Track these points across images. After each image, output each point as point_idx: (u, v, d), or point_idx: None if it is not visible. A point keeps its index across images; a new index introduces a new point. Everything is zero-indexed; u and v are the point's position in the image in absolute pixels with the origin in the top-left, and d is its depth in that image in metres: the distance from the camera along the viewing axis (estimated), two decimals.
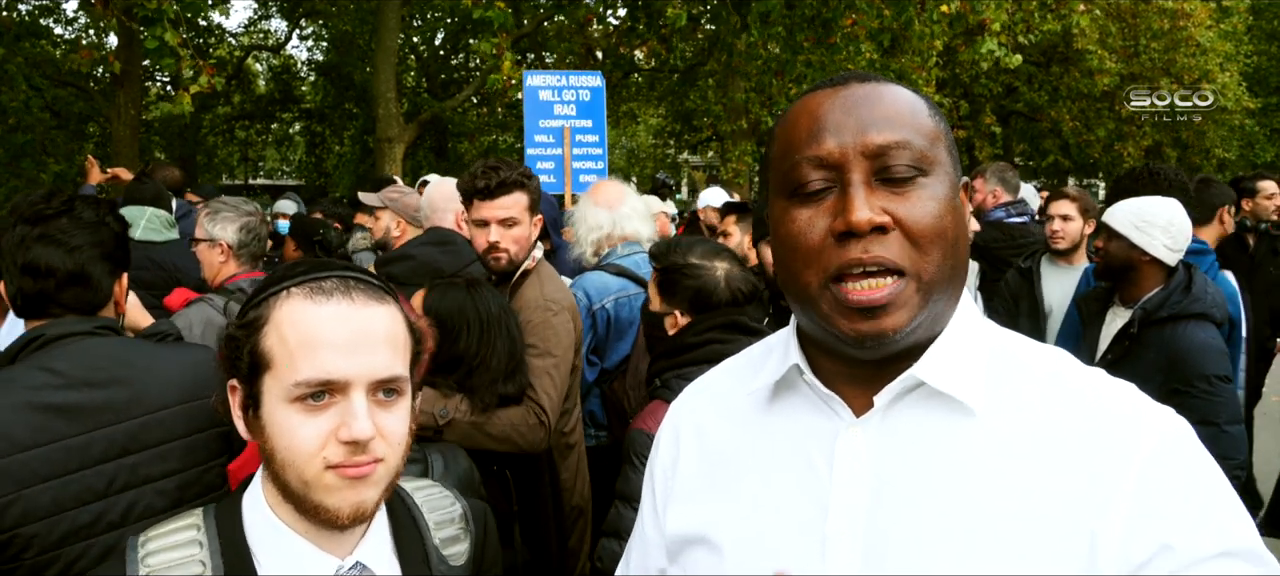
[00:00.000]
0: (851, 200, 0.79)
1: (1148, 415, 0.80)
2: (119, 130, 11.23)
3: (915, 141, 0.81)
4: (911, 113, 0.83)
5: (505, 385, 2.20)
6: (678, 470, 1.00)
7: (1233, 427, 2.62)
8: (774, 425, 0.93)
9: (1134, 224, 2.85)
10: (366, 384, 1.01)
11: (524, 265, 2.62)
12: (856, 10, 9.97)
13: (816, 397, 0.89)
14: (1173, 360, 2.71)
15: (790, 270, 0.85)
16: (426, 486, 1.28)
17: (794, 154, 0.84)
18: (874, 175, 0.80)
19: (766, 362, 0.96)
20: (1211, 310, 2.75)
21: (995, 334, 0.90)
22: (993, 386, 0.84)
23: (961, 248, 0.83)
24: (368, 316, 1.04)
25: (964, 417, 0.83)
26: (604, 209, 3.32)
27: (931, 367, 0.83)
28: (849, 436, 0.86)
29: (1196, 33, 16.04)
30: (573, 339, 2.50)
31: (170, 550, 1.06)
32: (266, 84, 23.01)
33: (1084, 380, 0.84)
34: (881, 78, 0.87)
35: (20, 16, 12.45)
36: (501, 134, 21.84)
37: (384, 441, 1.03)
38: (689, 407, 1.05)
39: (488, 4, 8.57)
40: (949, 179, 0.83)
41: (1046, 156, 20.64)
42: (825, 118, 0.83)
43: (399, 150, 11.35)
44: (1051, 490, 0.77)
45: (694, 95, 18.10)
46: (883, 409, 0.85)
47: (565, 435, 2.66)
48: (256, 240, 3.15)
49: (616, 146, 30.15)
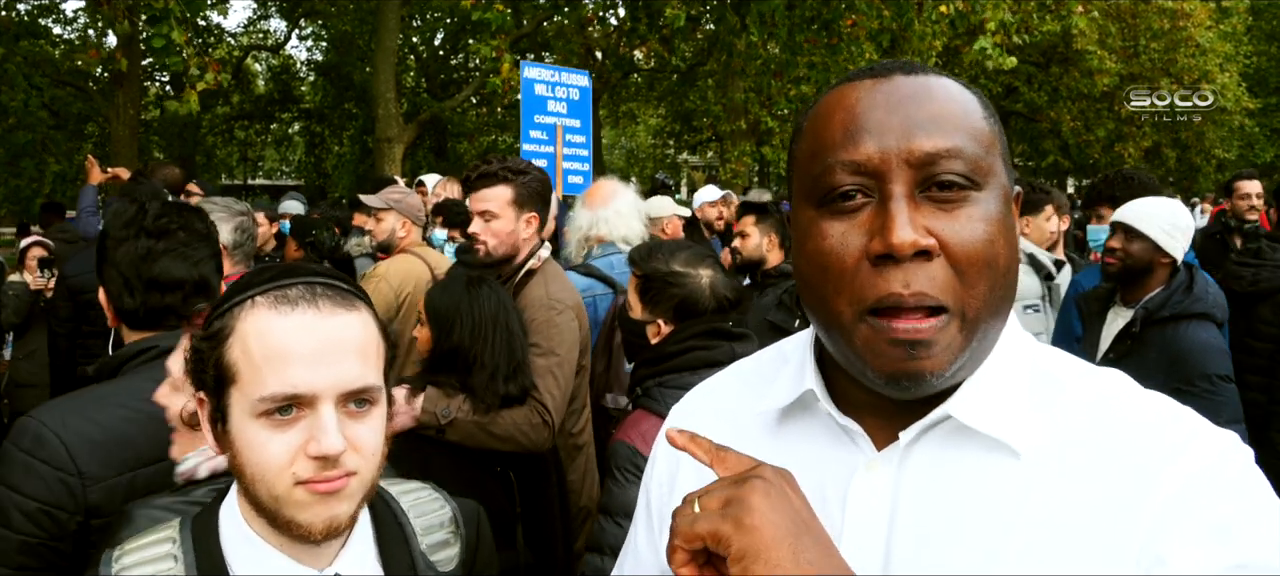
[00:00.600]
0: (893, 217, 0.68)
1: (1197, 437, 0.69)
2: (118, 130, 11.23)
3: (969, 148, 0.70)
4: (964, 113, 0.72)
5: (506, 384, 2.19)
6: (676, 484, 0.91)
7: (1233, 427, 2.62)
8: (784, 450, 0.81)
9: (1163, 228, 2.84)
10: (335, 396, 0.96)
11: (528, 264, 2.60)
12: (857, 11, 9.97)
13: (835, 425, 0.79)
14: (1174, 359, 2.71)
15: (819, 293, 0.73)
16: (414, 489, 1.24)
17: (826, 155, 0.72)
18: (918, 187, 0.69)
19: (779, 375, 0.86)
20: (1213, 310, 2.76)
21: (1038, 356, 0.79)
22: (1038, 420, 0.73)
23: (1012, 273, 0.72)
24: (335, 325, 0.99)
25: (1004, 458, 0.72)
26: (588, 209, 3.33)
27: (968, 404, 0.72)
28: (866, 474, 0.75)
29: (1196, 33, 16.06)
30: (577, 338, 2.47)
31: (146, 564, 1.03)
32: (266, 84, 23.02)
33: (1137, 403, 0.73)
34: (929, 68, 0.75)
35: (19, 16, 12.45)
36: (501, 134, 21.85)
37: (356, 453, 0.98)
38: (689, 418, 0.94)
39: (486, 5, 8.57)
40: (1003, 192, 0.72)
41: (1046, 157, 20.65)
42: (865, 115, 0.71)
43: (398, 150, 11.35)
44: (1101, 539, 0.67)
45: (693, 95, 18.12)
46: (906, 445, 0.74)
47: (573, 436, 2.64)
48: (250, 239, 3.15)
49: (616, 146, 30.16)
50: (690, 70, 17.08)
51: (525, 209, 2.60)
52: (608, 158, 25.61)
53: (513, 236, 2.60)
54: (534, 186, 2.63)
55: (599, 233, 3.30)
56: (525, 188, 2.60)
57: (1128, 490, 0.67)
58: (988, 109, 0.75)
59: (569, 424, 2.61)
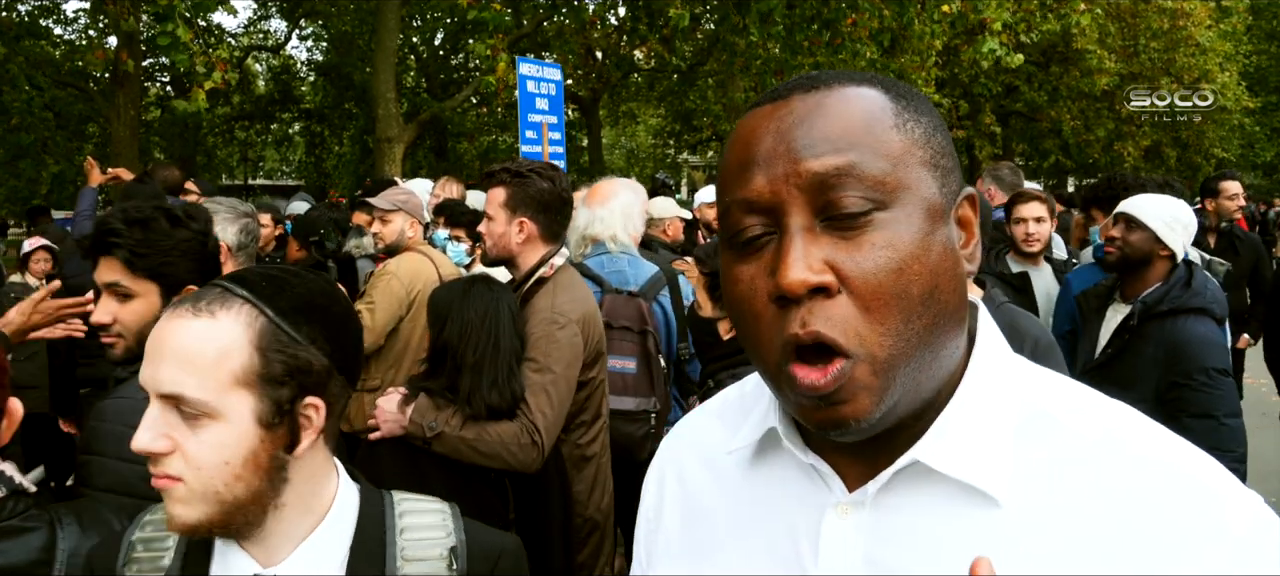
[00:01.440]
0: (784, 255, 0.63)
1: (1225, 508, 0.61)
2: (119, 130, 11.22)
3: (868, 165, 0.63)
4: (865, 126, 0.65)
5: (491, 392, 2.15)
6: (661, 522, 0.89)
7: (1231, 420, 2.65)
8: (757, 489, 0.79)
9: (1163, 220, 2.88)
10: (156, 394, 1.00)
11: (539, 272, 2.51)
12: (857, 10, 9.97)
13: (805, 463, 0.74)
14: (1172, 353, 2.74)
15: (747, 342, 0.70)
16: (429, 510, 1.20)
17: (725, 194, 0.69)
18: (817, 214, 0.64)
19: (753, 410, 0.82)
20: (1211, 305, 2.78)
21: (1031, 385, 0.71)
22: (1023, 463, 0.66)
23: (942, 295, 0.64)
24: (183, 329, 1.00)
25: (982, 507, 0.66)
26: (587, 208, 3.32)
27: (934, 447, 0.67)
28: (836, 518, 0.71)
29: (1196, 32, 16.07)
30: (578, 354, 2.38)
31: (154, 527, 1.13)
32: (266, 84, 23.02)
33: (1148, 449, 0.65)
34: (838, 80, 0.69)
35: (20, 17, 12.46)
36: (501, 134, 21.85)
37: (183, 461, 0.98)
38: (674, 454, 0.92)
39: (484, 5, 8.57)
40: (922, 207, 0.65)
41: (1047, 156, 20.65)
42: (756, 146, 0.66)
43: (399, 150, 11.34)
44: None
45: (694, 95, 18.12)
46: (876, 492, 0.70)
47: (581, 446, 2.58)
48: (254, 240, 3.15)
49: (616, 146, 30.16)
50: (690, 70, 17.08)
51: (517, 212, 2.52)
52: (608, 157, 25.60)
53: (504, 238, 2.54)
54: (530, 190, 2.53)
55: (593, 232, 3.30)
56: (520, 190, 2.53)
57: (1133, 544, 0.61)
58: (906, 114, 0.68)
59: (577, 434, 2.56)
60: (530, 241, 2.55)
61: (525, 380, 2.26)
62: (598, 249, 3.31)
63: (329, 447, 1.13)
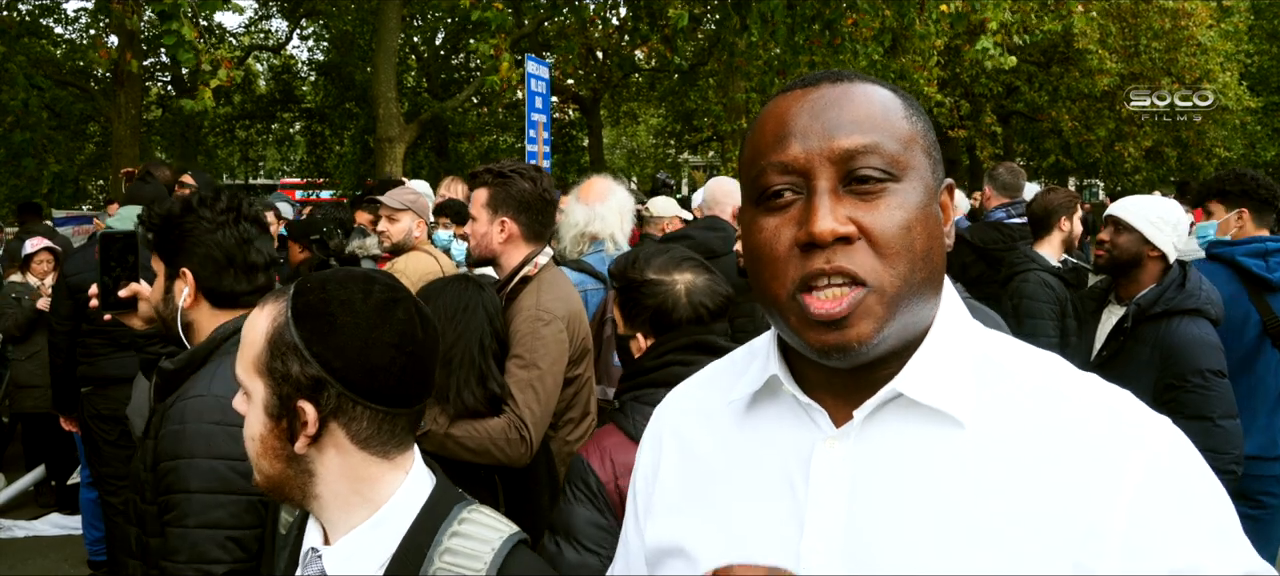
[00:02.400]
0: (815, 209, 0.76)
1: (1142, 429, 0.75)
2: (120, 130, 11.24)
3: (886, 145, 0.78)
4: (884, 114, 0.79)
5: (464, 391, 2.15)
6: (659, 479, 0.98)
7: (1226, 422, 2.64)
8: (753, 435, 0.90)
9: (1148, 219, 2.89)
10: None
11: (524, 271, 2.54)
12: (858, 10, 9.97)
13: (798, 407, 0.87)
14: (1166, 355, 2.74)
15: (759, 281, 0.82)
16: (492, 527, 1.18)
17: (760, 159, 0.81)
18: (842, 181, 0.77)
19: (748, 368, 0.93)
20: (1205, 306, 2.78)
21: (983, 340, 0.85)
22: (981, 396, 0.80)
23: (934, 256, 0.79)
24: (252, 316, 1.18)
25: (950, 430, 0.79)
26: (583, 205, 3.31)
27: (913, 379, 0.80)
28: (826, 449, 0.83)
29: (1197, 32, 16.04)
30: (563, 350, 2.40)
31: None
32: (267, 84, 23.02)
33: (1077, 388, 0.79)
34: (857, 77, 0.83)
35: (21, 16, 12.46)
36: (502, 134, 21.84)
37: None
38: (671, 414, 1.03)
39: (486, 4, 8.57)
40: (923, 185, 0.79)
41: (1047, 156, 20.64)
42: (792, 122, 0.80)
43: (399, 150, 11.35)
44: (1040, 508, 0.73)
45: (694, 95, 18.10)
46: (861, 421, 0.82)
47: (570, 443, 2.59)
48: None
49: (617, 146, 30.17)
50: (691, 70, 17.06)
51: (499, 212, 2.55)
52: (609, 157, 25.61)
53: (487, 238, 2.57)
54: (511, 191, 2.55)
55: (593, 229, 3.30)
56: (501, 191, 2.55)
57: (1066, 466, 0.74)
58: (911, 110, 0.82)
59: (565, 432, 2.58)
60: (511, 241, 2.58)
61: (511, 377, 2.27)
62: (597, 246, 3.32)
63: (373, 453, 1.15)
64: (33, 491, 6.01)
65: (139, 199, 4.03)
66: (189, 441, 1.57)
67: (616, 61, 14.96)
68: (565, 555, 1.60)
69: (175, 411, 1.61)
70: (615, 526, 1.59)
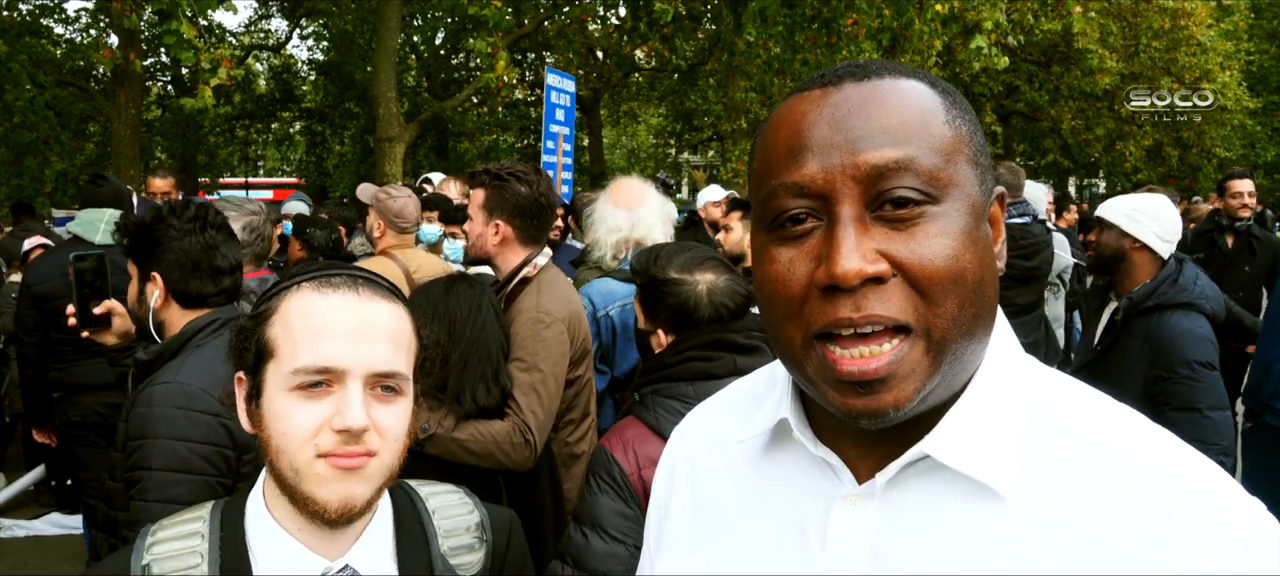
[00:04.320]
0: (838, 244, 0.63)
1: (1226, 514, 0.62)
2: (120, 130, 11.25)
3: (923, 159, 0.64)
4: (920, 120, 0.65)
5: (477, 388, 2.15)
6: (671, 512, 0.90)
7: (1214, 413, 2.63)
8: (767, 479, 0.80)
9: (1124, 213, 2.93)
10: (365, 375, 1.01)
11: (522, 272, 2.53)
12: (856, 10, 9.96)
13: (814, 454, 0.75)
14: (1155, 348, 2.75)
15: (771, 321, 0.70)
16: (444, 492, 1.25)
17: (771, 178, 0.68)
18: (869, 205, 0.64)
19: (766, 400, 0.82)
20: (1198, 300, 2.78)
21: (1043, 388, 0.71)
22: (1029, 461, 0.67)
23: (987, 289, 0.65)
24: (372, 310, 1.05)
25: (988, 502, 0.66)
26: (624, 210, 3.15)
27: (945, 441, 0.67)
28: (844, 510, 0.72)
29: (1197, 32, 16.05)
30: (564, 352, 2.39)
31: (174, 541, 1.07)
32: (267, 83, 23.03)
33: (1152, 456, 0.65)
34: (888, 69, 0.68)
35: (21, 16, 12.47)
36: (502, 134, 21.85)
37: (379, 436, 1.01)
38: (685, 443, 0.93)
39: (484, 2, 8.57)
40: (970, 202, 0.65)
41: (1047, 155, 20.66)
42: (809, 132, 0.66)
43: (400, 150, 11.36)
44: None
45: (694, 95, 18.11)
46: (884, 483, 0.70)
47: (570, 444, 2.60)
48: (260, 240, 3.13)
49: (617, 146, 30.17)
50: (691, 69, 17.08)
51: (494, 215, 2.54)
52: (609, 157, 25.60)
53: (482, 240, 2.55)
54: (506, 194, 2.53)
55: (639, 235, 3.14)
56: (496, 194, 2.54)
57: (1132, 548, 0.62)
58: (954, 110, 0.68)
59: (565, 432, 2.57)
60: (506, 244, 2.56)
61: (514, 380, 2.26)
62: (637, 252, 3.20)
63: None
64: (33, 491, 6.01)
65: (96, 201, 3.92)
66: (154, 422, 1.69)
67: (616, 61, 14.95)
68: (592, 545, 1.61)
69: (144, 395, 1.73)
70: (640, 516, 1.59)
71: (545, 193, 2.60)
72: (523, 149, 22.03)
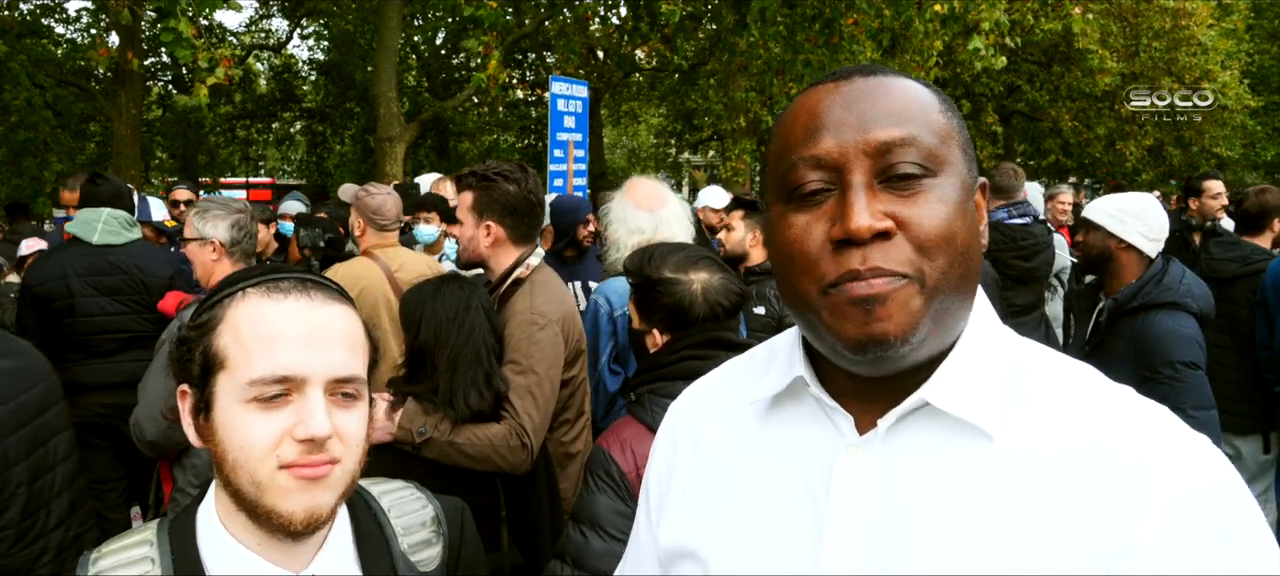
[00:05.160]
0: (851, 204, 0.72)
1: (1177, 448, 0.71)
2: (120, 129, 11.25)
3: (923, 138, 0.74)
4: (920, 108, 0.76)
5: (471, 393, 2.14)
6: (674, 477, 0.95)
7: (1199, 413, 2.63)
8: (773, 437, 0.87)
9: (1109, 213, 2.93)
10: (324, 381, 0.98)
11: (515, 274, 2.51)
12: (857, 10, 9.96)
13: (820, 411, 0.83)
14: (1140, 348, 2.75)
15: (787, 279, 0.78)
16: (395, 488, 1.24)
17: (790, 154, 0.78)
18: (877, 176, 0.74)
19: (770, 367, 0.90)
20: (1184, 299, 2.77)
21: (1018, 348, 0.82)
22: (1013, 408, 0.76)
23: (974, 255, 0.76)
24: (326, 314, 1.02)
25: (979, 442, 0.75)
26: (645, 211, 3.14)
27: (942, 389, 0.76)
28: (848, 457, 0.79)
29: (1197, 32, 16.04)
30: (559, 354, 2.38)
31: (122, 567, 1.03)
32: (267, 83, 23.04)
33: (1112, 404, 0.76)
34: (888, 70, 0.80)
35: (22, 16, 12.48)
36: (502, 133, 21.86)
37: (341, 442, 0.99)
38: (687, 413, 0.99)
39: (479, 2, 8.55)
40: (960, 180, 0.76)
41: (1047, 155, 20.64)
42: (825, 115, 0.76)
43: (400, 149, 11.37)
44: (1069, 525, 0.70)
45: (695, 95, 18.10)
46: (886, 430, 0.78)
47: (565, 444, 2.59)
48: (248, 238, 3.13)
49: (618, 146, 30.16)
50: (692, 69, 17.07)
51: (484, 216, 2.52)
52: (609, 157, 25.60)
53: (473, 242, 2.54)
54: (495, 194, 2.52)
55: (663, 236, 3.10)
56: (485, 195, 2.52)
57: (1098, 483, 0.71)
58: (946, 105, 0.79)
59: (561, 432, 2.57)
60: (498, 244, 2.54)
61: (509, 383, 2.25)
62: None
63: None
64: None
65: (95, 200, 3.92)
66: None
67: (616, 61, 14.95)
68: (591, 544, 1.62)
69: None
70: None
71: (533, 190, 2.59)
72: (523, 149, 22.03)
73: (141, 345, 3.72)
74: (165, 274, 3.88)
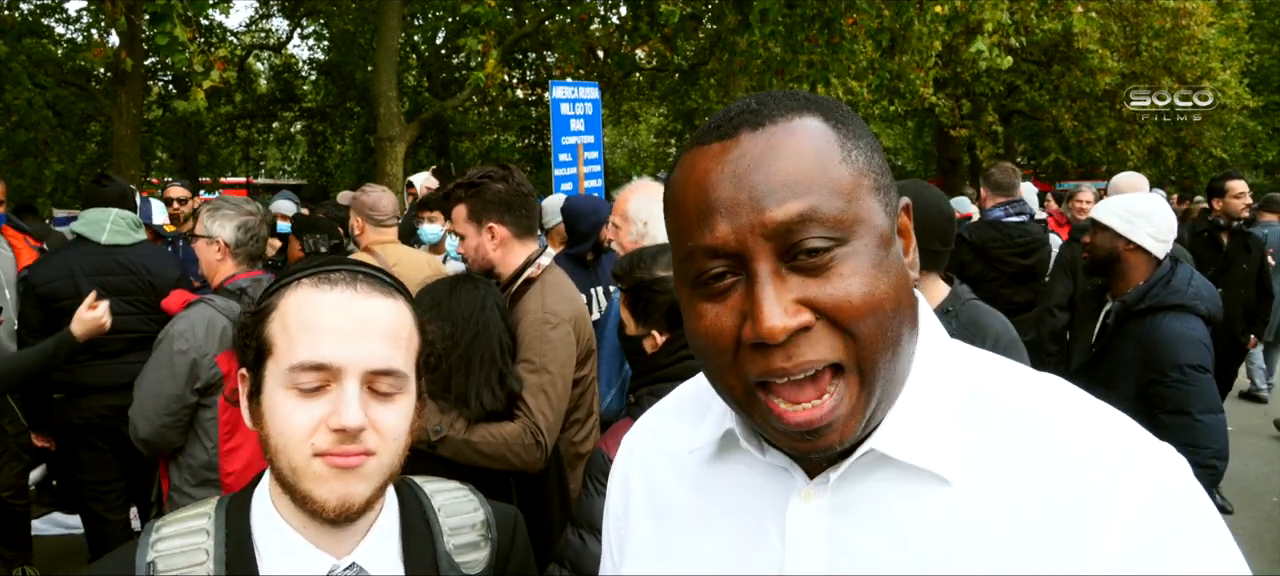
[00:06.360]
0: (759, 302, 0.66)
1: (1133, 462, 0.68)
2: (121, 130, 11.23)
3: (825, 207, 0.66)
4: (818, 165, 0.67)
5: (485, 392, 2.15)
6: (630, 520, 0.92)
7: (1206, 417, 2.62)
8: (721, 483, 0.83)
9: (1118, 214, 2.91)
10: (361, 372, 0.99)
11: (527, 273, 2.52)
12: (857, 10, 9.95)
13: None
14: (1148, 351, 2.73)
15: (708, 370, 0.74)
16: (449, 489, 1.25)
17: (686, 239, 0.71)
18: (782, 258, 0.67)
19: (710, 407, 0.85)
20: (1192, 302, 2.76)
21: (973, 370, 0.77)
22: (967, 440, 0.72)
23: (904, 306, 0.70)
24: (369, 306, 1.03)
25: (933, 486, 0.71)
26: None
27: (890, 437, 0.72)
28: (799, 503, 0.76)
29: (1198, 31, 16.04)
30: (571, 353, 2.39)
31: (179, 538, 1.06)
32: (268, 83, 23.03)
33: (1072, 417, 0.72)
34: (781, 109, 0.70)
35: (22, 16, 12.47)
36: (503, 133, 21.85)
37: (377, 435, 1.00)
38: (637, 452, 0.95)
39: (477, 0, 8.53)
40: (876, 234, 0.69)
41: (1047, 155, 20.64)
42: (714, 191, 0.68)
43: (400, 149, 11.36)
44: (1031, 558, 0.67)
45: (695, 94, 18.11)
46: (836, 479, 0.74)
47: (575, 444, 2.60)
48: (254, 240, 3.13)
49: (618, 145, 30.15)
50: (692, 69, 17.07)
51: (484, 220, 2.53)
52: (609, 157, 25.59)
53: (480, 249, 2.54)
54: (488, 196, 2.52)
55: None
56: (478, 200, 2.53)
57: (1069, 514, 0.67)
58: (849, 143, 0.71)
59: (571, 432, 2.57)
60: (504, 243, 2.54)
61: (523, 382, 2.26)
62: None
63: None
64: (33, 490, 6.02)
65: (101, 200, 3.91)
66: None
67: (616, 61, 14.94)
68: (589, 547, 1.62)
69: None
70: None
71: (521, 182, 2.60)
72: (523, 149, 22.03)
73: (147, 346, 3.73)
74: (172, 275, 3.90)
